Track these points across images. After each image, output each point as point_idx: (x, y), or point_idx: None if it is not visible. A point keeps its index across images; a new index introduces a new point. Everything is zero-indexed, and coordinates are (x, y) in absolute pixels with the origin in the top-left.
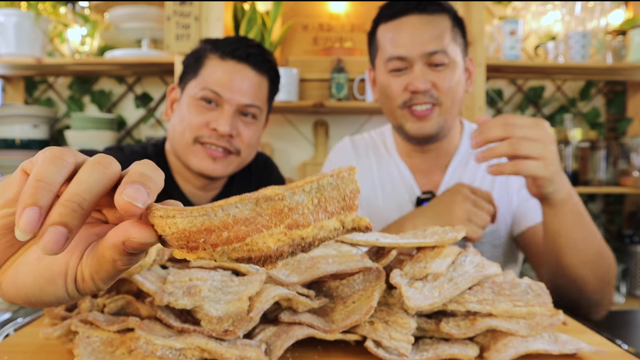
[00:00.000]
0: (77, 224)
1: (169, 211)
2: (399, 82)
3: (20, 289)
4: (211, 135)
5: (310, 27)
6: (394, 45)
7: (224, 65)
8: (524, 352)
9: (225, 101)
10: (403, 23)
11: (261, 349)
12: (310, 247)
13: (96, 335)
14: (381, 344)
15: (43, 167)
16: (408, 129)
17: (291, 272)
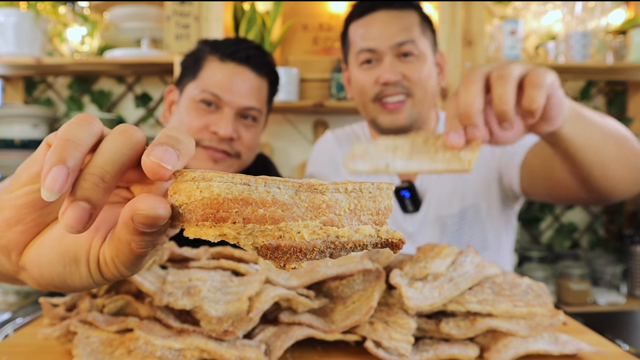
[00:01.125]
0: (101, 198)
1: (206, 173)
2: (369, 75)
3: (44, 268)
4: (212, 139)
5: (310, 27)
6: (363, 39)
7: (224, 67)
8: (524, 352)
9: (226, 104)
10: (372, 19)
11: (261, 350)
12: (341, 250)
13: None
14: (381, 345)
15: (70, 128)
16: (381, 121)
17: (290, 275)
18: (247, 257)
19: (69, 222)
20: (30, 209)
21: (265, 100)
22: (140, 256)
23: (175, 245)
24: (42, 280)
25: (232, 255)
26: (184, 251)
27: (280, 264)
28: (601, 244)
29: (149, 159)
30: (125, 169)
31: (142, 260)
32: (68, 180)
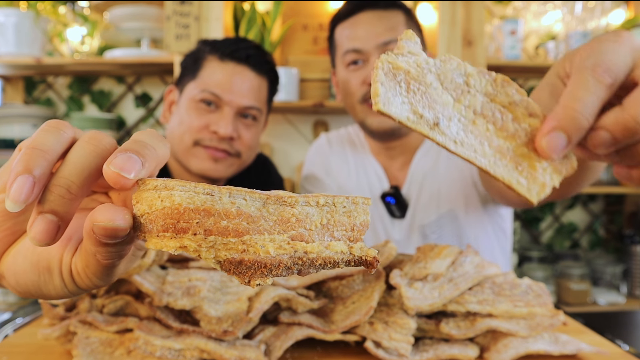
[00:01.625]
0: (68, 210)
1: (167, 182)
2: (356, 76)
3: (19, 277)
4: (212, 138)
5: (310, 27)
6: (349, 39)
7: (224, 67)
8: (525, 352)
9: (226, 103)
10: (357, 20)
11: (260, 350)
12: (310, 267)
13: (95, 335)
14: (381, 345)
15: (39, 135)
16: (369, 123)
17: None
18: None
19: (37, 235)
20: (4, 218)
21: (265, 100)
22: (108, 267)
23: None
24: (19, 288)
25: None
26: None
27: (245, 280)
28: (601, 244)
29: (109, 168)
30: (94, 178)
31: (112, 270)
32: (34, 190)
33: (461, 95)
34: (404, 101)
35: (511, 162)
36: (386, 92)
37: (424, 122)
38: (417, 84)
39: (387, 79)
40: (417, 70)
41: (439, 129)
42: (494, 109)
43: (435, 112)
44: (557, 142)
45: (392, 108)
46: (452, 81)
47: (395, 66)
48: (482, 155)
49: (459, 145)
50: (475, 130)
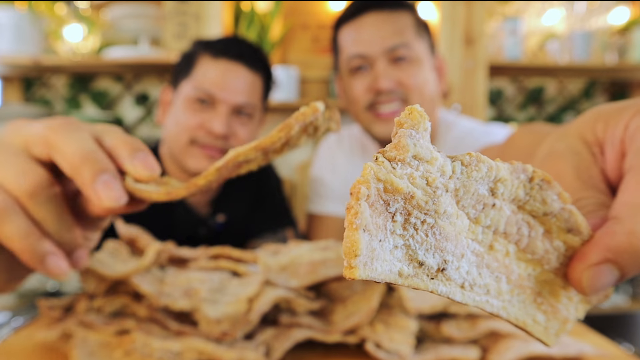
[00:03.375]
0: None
1: None
2: (361, 82)
3: None
4: (207, 137)
5: (310, 27)
6: (354, 44)
7: (217, 64)
8: (526, 354)
9: (220, 101)
10: (362, 21)
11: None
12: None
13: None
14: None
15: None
16: (376, 132)
17: (290, 276)
18: (247, 258)
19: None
20: None
21: (259, 96)
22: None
23: (174, 246)
24: None
25: (231, 256)
26: (182, 252)
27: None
28: None
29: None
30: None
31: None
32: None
33: (482, 212)
34: (396, 244)
35: (531, 294)
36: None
37: (422, 272)
38: (422, 215)
39: (374, 214)
40: (427, 193)
41: (443, 276)
42: (520, 222)
43: (444, 255)
44: (605, 280)
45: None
46: (473, 195)
47: (390, 187)
48: (496, 296)
49: (467, 290)
50: (492, 262)
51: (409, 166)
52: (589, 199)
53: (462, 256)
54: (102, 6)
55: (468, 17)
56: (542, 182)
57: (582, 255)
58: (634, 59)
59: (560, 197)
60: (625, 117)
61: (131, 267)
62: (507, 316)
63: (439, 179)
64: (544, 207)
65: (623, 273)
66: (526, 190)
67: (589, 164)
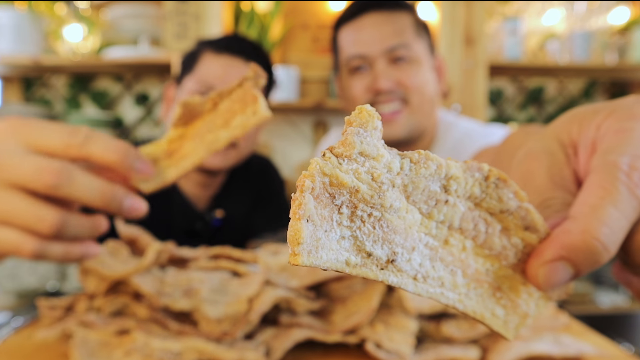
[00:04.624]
0: None
1: None
2: (361, 83)
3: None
4: None
5: (310, 27)
6: (353, 44)
7: (219, 59)
8: (526, 354)
9: None
10: (362, 22)
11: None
12: None
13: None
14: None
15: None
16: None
17: (291, 276)
18: (247, 258)
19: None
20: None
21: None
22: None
23: (174, 246)
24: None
25: (231, 256)
26: (182, 252)
27: None
28: None
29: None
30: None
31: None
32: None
33: (434, 208)
34: (343, 235)
35: (489, 288)
36: (314, 231)
37: (371, 262)
38: (368, 208)
39: (320, 206)
40: (372, 188)
41: (393, 267)
42: (477, 218)
43: (392, 246)
44: (559, 277)
45: (322, 254)
46: (424, 191)
47: (335, 182)
48: (452, 289)
49: (420, 282)
50: (447, 256)
51: (355, 162)
52: (557, 198)
53: (413, 249)
54: (102, 6)
55: (468, 17)
56: (498, 181)
57: (538, 253)
58: (634, 59)
59: (516, 196)
60: (598, 119)
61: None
62: (463, 308)
63: (385, 175)
64: (501, 205)
65: (577, 270)
66: (482, 188)
67: (561, 164)
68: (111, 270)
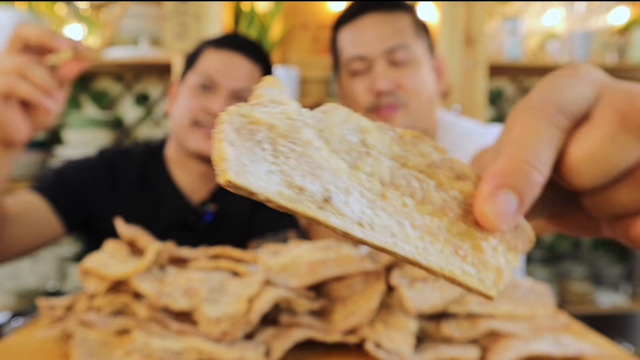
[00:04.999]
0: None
1: None
2: (361, 84)
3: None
4: (207, 118)
5: (310, 27)
6: (353, 45)
7: (219, 54)
8: (526, 354)
9: (220, 86)
10: (361, 23)
11: (260, 351)
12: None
13: (93, 336)
14: (381, 346)
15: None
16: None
17: (290, 276)
18: (247, 258)
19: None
20: None
21: None
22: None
23: (174, 246)
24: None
25: (231, 256)
26: (182, 252)
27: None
28: (603, 245)
29: None
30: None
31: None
32: None
33: (358, 159)
34: (270, 170)
35: (447, 245)
36: (239, 155)
37: (306, 199)
38: (288, 143)
39: (240, 138)
40: (287, 124)
41: (332, 207)
42: (408, 176)
43: (323, 183)
44: (505, 206)
45: (250, 178)
46: (342, 140)
47: (252, 120)
48: (405, 241)
49: (367, 229)
50: (389, 207)
51: (267, 107)
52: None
53: (346, 191)
54: (102, 6)
55: (468, 17)
56: (414, 138)
57: (478, 193)
58: (634, 59)
59: (436, 149)
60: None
61: (131, 267)
62: (426, 263)
63: (297, 116)
64: (425, 159)
65: (519, 195)
66: (401, 147)
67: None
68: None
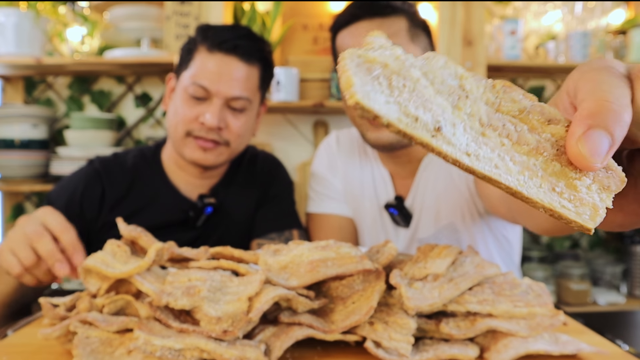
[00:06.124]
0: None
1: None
2: None
3: None
4: (201, 129)
5: (310, 27)
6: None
7: (212, 58)
8: (524, 352)
9: (213, 94)
10: (357, 29)
11: (260, 349)
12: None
13: (95, 335)
14: (381, 345)
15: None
16: (368, 137)
17: (290, 276)
18: (247, 258)
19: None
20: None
21: (256, 88)
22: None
23: (175, 246)
24: None
25: (232, 256)
26: (183, 251)
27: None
28: (601, 244)
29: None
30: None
31: None
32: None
33: (459, 101)
34: (388, 100)
35: (545, 182)
36: (362, 84)
37: (421, 126)
38: (401, 79)
39: (360, 72)
40: (398, 63)
41: (443, 137)
42: (503, 119)
43: (434, 114)
44: (598, 143)
45: (374, 103)
46: (443, 82)
47: (367, 59)
48: (508, 173)
49: (473, 159)
50: (489, 142)
51: (378, 50)
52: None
53: (453, 125)
54: (104, 7)
55: (467, 17)
56: (505, 87)
57: (570, 134)
58: (632, 60)
59: (525, 96)
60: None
61: (133, 266)
62: (528, 194)
63: (404, 58)
64: (516, 105)
65: (610, 133)
66: (494, 94)
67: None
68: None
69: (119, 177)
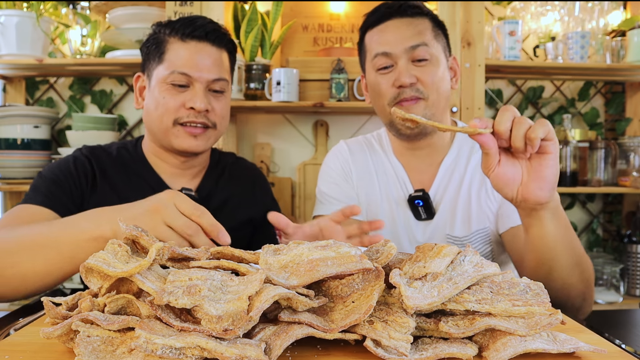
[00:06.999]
0: None
1: None
2: (386, 79)
3: None
4: (189, 114)
5: (310, 28)
6: (379, 44)
7: (186, 47)
8: (523, 351)
9: (195, 80)
10: (387, 26)
11: (261, 348)
12: None
13: (97, 334)
14: (380, 343)
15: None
16: (398, 125)
17: (290, 275)
18: (248, 257)
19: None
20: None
21: (228, 70)
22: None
23: (175, 245)
24: None
25: (233, 255)
26: (184, 250)
27: None
28: (600, 244)
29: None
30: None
31: None
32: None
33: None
34: None
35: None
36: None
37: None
38: None
39: None
40: None
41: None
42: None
43: None
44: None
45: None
46: None
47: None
48: None
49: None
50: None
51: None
52: None
53: None
54: (105, 8)
55: (466, 18)
56: None
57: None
58: (630, 60)
59: None
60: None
61: (134, 265)
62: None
63: None
64: None
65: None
66: None
67: None
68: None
69: (106, 163)
